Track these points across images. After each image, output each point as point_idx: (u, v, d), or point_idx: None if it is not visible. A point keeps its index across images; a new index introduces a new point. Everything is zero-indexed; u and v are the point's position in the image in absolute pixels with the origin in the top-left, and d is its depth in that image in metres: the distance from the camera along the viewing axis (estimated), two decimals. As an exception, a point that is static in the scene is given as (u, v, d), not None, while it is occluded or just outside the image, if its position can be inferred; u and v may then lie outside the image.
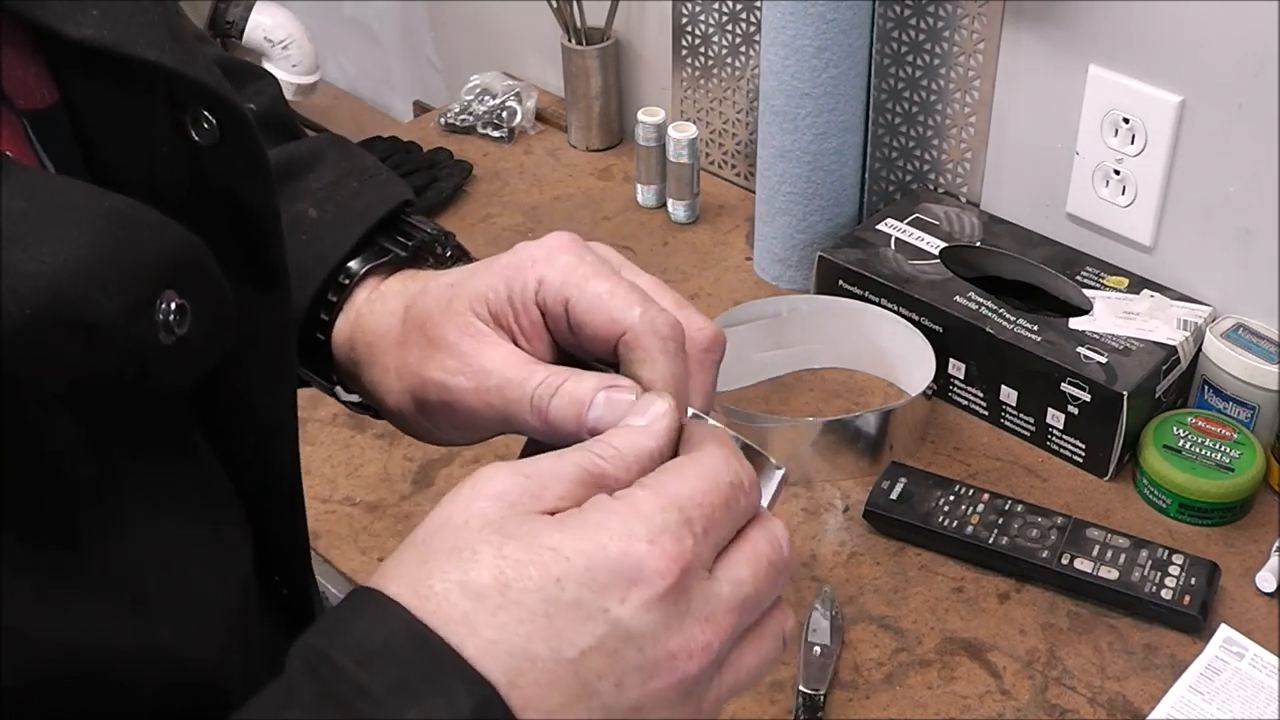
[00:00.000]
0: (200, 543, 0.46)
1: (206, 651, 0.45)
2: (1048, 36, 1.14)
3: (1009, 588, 0.99)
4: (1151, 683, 0.92)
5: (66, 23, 0.42)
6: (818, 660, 0.92)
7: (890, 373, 1.18)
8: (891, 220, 1.22)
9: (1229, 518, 1.03)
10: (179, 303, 0.42)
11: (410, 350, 0.54)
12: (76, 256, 0.39)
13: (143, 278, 0.41)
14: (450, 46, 1.75)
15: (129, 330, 0.41)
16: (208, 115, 0.46)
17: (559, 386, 0.49)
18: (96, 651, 0.41)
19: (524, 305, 0.51)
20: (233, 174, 0.48)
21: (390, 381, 0.56)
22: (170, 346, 0.42)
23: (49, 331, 0.38)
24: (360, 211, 0.61)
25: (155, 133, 0.45)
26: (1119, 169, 1.13)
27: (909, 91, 1.25)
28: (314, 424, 1.15)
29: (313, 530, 1.05)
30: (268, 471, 0.52)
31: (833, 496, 1.07)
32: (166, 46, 0.44)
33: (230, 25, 1.55)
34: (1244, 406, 1.07)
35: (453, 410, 0.53)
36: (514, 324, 0.51)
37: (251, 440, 0.50)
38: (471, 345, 0.52)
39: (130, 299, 0.41)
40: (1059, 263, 1.17)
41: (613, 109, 1.51)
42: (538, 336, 0.51)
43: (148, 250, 0.42)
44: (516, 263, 0.51)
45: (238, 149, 0.47)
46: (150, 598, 0.43)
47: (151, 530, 0.44)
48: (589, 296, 0.49)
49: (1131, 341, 1.08)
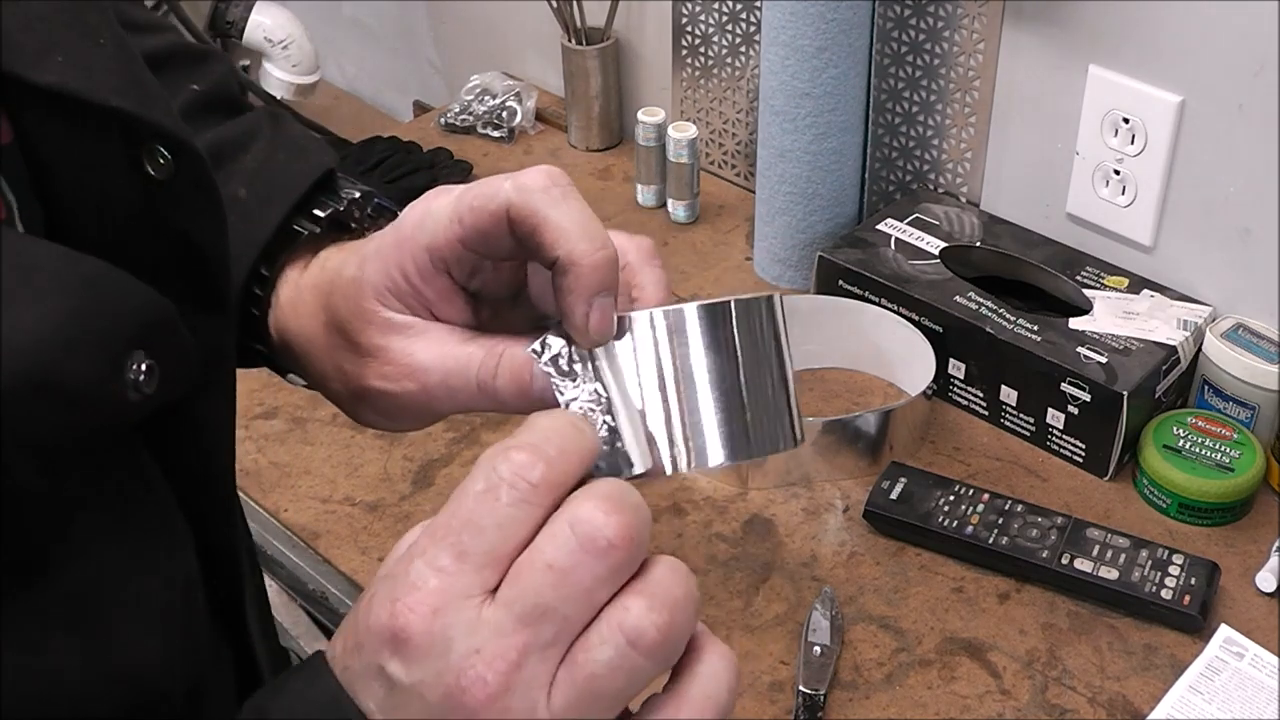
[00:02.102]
0: (146, 552, 0.47)
1: (151, 659, 0.46)
2: (1048, 36, 1.14)
3: (1009, 588, 0.99)
4: (1151, 683, 0.92)
5: (32, 70, 0.43)
6: (818, 660, 0.92)
7: (890, 373, 1.18)
8: (891, 220, 1.22)
9: (1229, 518, 1.03)
10: (148, 363, 0.43)
11: (343, 357, 0.55)
12: (52, 323, 0.39)
13: (114, 341, 0.42)
14: (450, 46, 1.75)
15: (100, 393, 0.41)
16: (163, 151, 0.47)
17: (497, 365, 0.50)
18: (46, 682, 0.41)
19: (423, 277, 0.52)
20: (185, 207, 0.48)
21: (335, 386, 0.58)
22: (136, 403, 0.43)
23: (24, 398, 0.38)
24: (283, 187, 0.61)
25: (109, 168, 0.46)
26: (1119, 169, 1.13)
27: (909, 91, 1.25)
28: (314, 424, 1.15)
29: (313, 530, 1.05)
30: (207, 479, 0.53)
31: (833, 496, 1.07)
32: (129, 92, 0.45)
33: (230, 25, 1.55)
34: (1244, 406, 1.07)
35: (404, 409, 0.54)
36: (422, 297, 0.52)
37: (191, 450, 0.51)
38: (399, 344, 0.53)
39: (103, 363, 0.41)
40: (1059, 263, 1.17)
41: (613, 109, 1.51)
42: (449, 298, 0.53)
43: (119, 313, 0.42)
44: (398, 239, 0.52)
45: (191, 183, 0.48)
46: (105, 615, 0.44)
47: (102, 548, 0.44)
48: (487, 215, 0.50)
49: (1131, 341, 1.08)
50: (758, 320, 0.49)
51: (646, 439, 0.47)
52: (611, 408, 0.47)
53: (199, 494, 0.51)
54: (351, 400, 0.57)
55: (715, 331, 0.48)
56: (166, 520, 0.49)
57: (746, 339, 0.48)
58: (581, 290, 0.47)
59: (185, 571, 0.49)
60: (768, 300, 0.49)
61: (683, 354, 0.48)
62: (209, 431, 0.52)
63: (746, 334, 0.48)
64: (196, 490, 0.51)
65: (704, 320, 0.48)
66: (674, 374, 0.48)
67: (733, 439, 0.48)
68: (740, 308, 0.48)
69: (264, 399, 1.17)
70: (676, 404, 0.48)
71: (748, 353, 0.48)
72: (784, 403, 0.50)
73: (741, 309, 0.48)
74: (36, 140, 0.45)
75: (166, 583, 0.47)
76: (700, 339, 0.48)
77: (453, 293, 0.53)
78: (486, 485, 0.42)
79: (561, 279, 0.47)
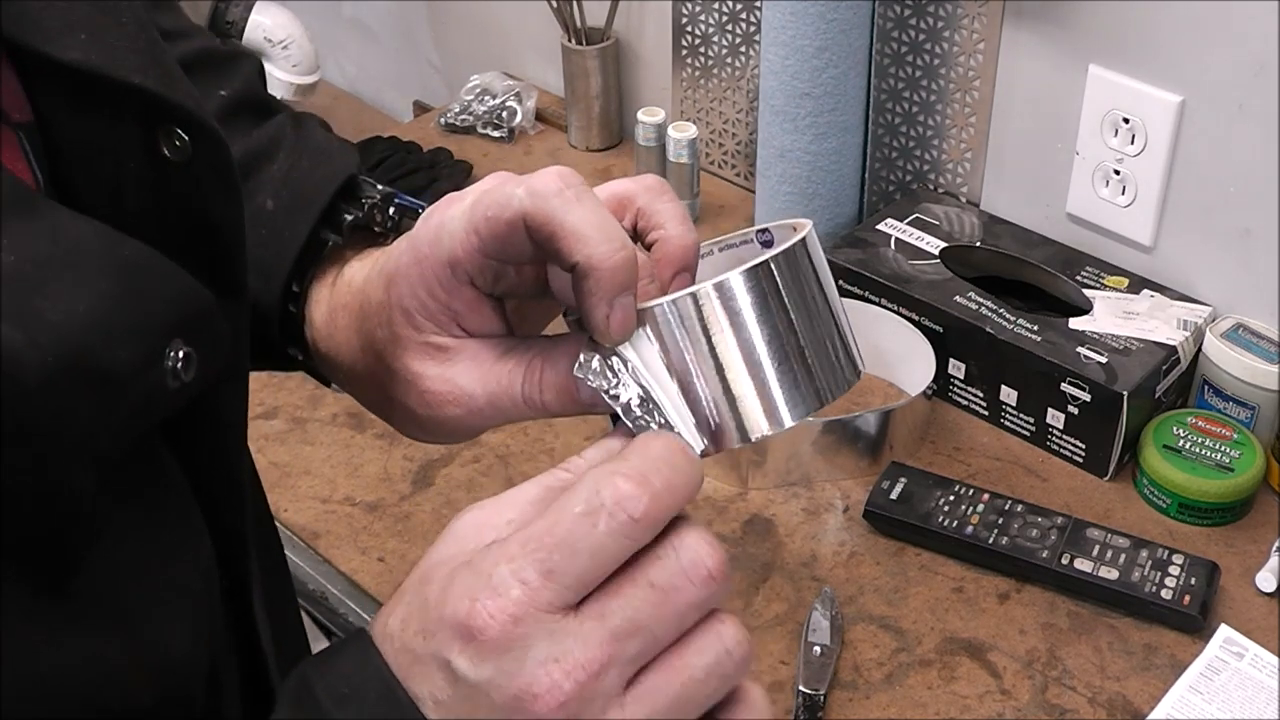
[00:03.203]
0: (167, 539, 0.47)
1: (183, 646, 0.46)
2: (1048, 36, 1.14)
3: (1009, 588, 0.99)
4: (1151, 683, 0.92)
5: (55, 46, 0.43)
6: (818, 660, 0.92)
7: (890, 373, 1.18)
8: (891, 220, 1.22)
9: (1229, 518, 1.03)
10: (186, 350, 0.43)
11: (384, 381, 0.56)
12: (96, 307, 0.39)
13: (154, 328, 0.42)
14: (450, 46, 1.75)
15: (140, 380, 0.41)
16: (180, 133, 0.46)
17: (541, 381, 0.50)
18: (92, 674, 0.41)
19: (449, 291, 0.52)
20: (202, 190, 0.48)
21: (380, 406, 0.58)
22: (175, 391, 0.43)
23: (68, 383, 0.38)
24: (309, 197, 0.61)
25: (126, 149, 0.46)
26: (1119, 169, 1.13)
27: (909, 91, 1.25)
28: (314, 424, 1.15)
29: (313, 530, 1.05)
30: (221, 466, 0.53)
31: (833, 496, 1.07)
32: (150, 71, 0.45)
33: (230, 25, 1.55)
34: (1244, 406, 1.07)
35: (452, 431, 0.54)
36: (452, 312, 0.52)
37: (207, 438, 0.51)
38: (436, 371, 0.53)
39: (143, 349, 0.41)
40: (1059, 263, 1.17)
41: (613, 109, 1.51)
42: (477, 308, 0.52)
43: (160, 301, 0.42)
44: (417, 258, 0.52)
45: (209, 167, 0.48)
46: (135, 608, 0.44)
47: (130, 541, 0.44)
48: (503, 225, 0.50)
49: (1131, 341, 1.08)
50: (798, 266, 0.48)
51: (703, 421, 0.48)
52: (658, 404, 0.48)
53: (212, 481, 0.51)
54: (398, 420, 0.57)
55: (761, 293, 0.47)
56: (183, 506, 0.49)
57: (793, 289, 0.48)
58: (603, 293, 0.47)
59: (205, 558, 0.49)
60: (801, 242, 0.48)
61: (737, 322, 0.47)
62: (224, 420, 0.52)
63: (792, 283, 0.48)
64: (209, 478, 0.51)
65: (750, 285, 0.47)
66: (730, 346, 0.47)
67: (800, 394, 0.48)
68: (781, 261, 0.47)
69: (264, 399, 1.17)
70: (735, 376, 0.47)
71: (796, 303, 0.48)
72: (837, 339, 0.49)
73: (782, 261, 0.47)
74: (53, 121, 0.45)
75: (189, 570, 0.48)
76: (750, 303, 0.47)
77: (479, 301, 0.52)
78: (587, 509, 0.42)
79: (582, 283, 0.47)
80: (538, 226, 0.48)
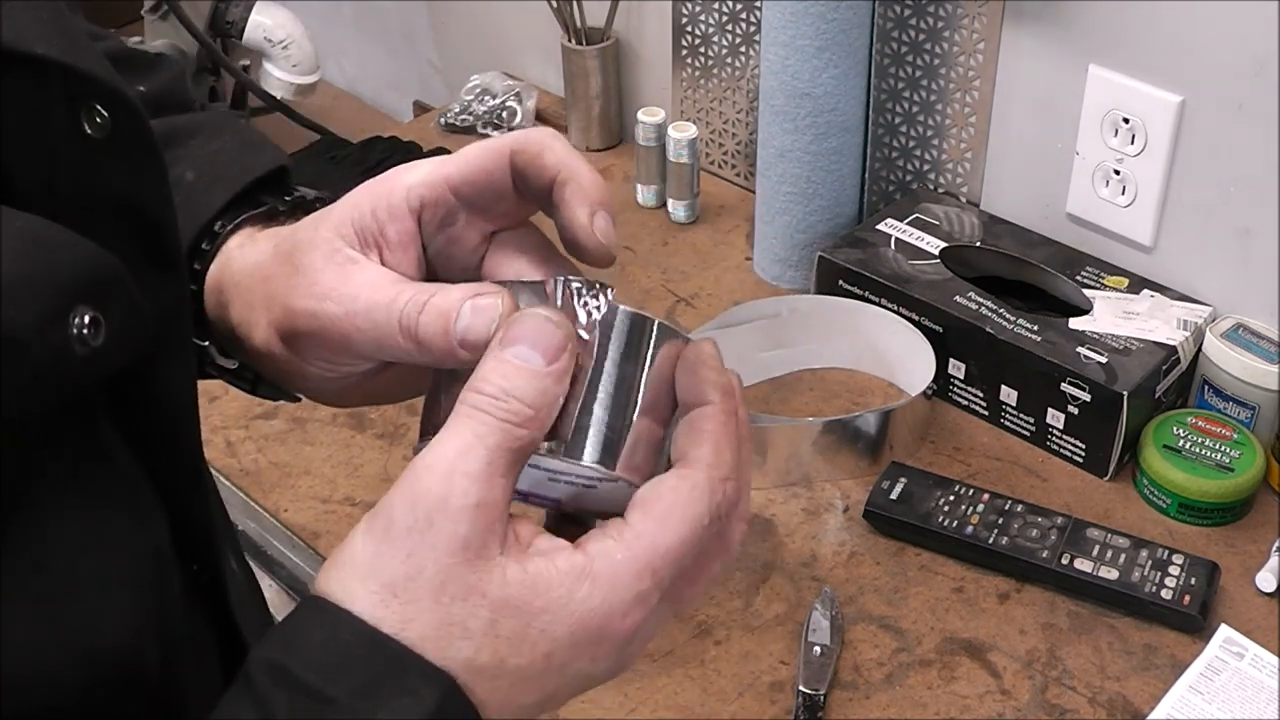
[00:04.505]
0: (110, 523, 0.46)
1: (116, 635, 0.45)
2: (1048, 36, 1.14)
3: (1009, 588, 0.99)
4: (1151, 683, 0.92)
5: None
6: (818, 660, 0.92)
7: (890, 373, 1.18)
8: (891, 220, 1.22)
9: (1229, 518, 1.03)
10: (92, 315, 0.42)
11: (277, 282, 0.55)
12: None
13: (54, 292, 0.42)
14: (450, 46, 1.75)
15: (42, 343, 0.41)
16: (100, 109, 0.46)
17: (425, 302, 0.50)
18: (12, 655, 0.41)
19: (391, 215, 0.53)
20: (127, 165, 0.48)
21: (257, 316, 0.56)
22: (85, 357, 0.43)
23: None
24: (235, 175, 0.61)
25: (53, 131, 0.46)
26: (1119, 169, 1.13)
27: (909, 91, 1.25)
28: (314, 424, 1.15)
29: (313, 530, 1.05)
30: (173, 450, 0.52)
31: (833, 496, 1.07)
32: (55, 41, 0.45)
33: (230, 25, 1.55)
34: (1244, 406, 1.07)
35: (322, 339, 0.53)
36: (380, 237, 0.53)
37: (155, 418, 0.51)
38: (337, 271, 0.53)
39: (40, 308, 0.41)
40: (1059, 263, 1.17)
41: (613, 109, 1.51)
42: (406, 246, 0.53)
43: (59, 266, 0.42)
44: (382, 178, 0.54)
45: (130, 139, 0.48)
46: (65, 588, 0.43)
47: (63, 523, 0.44)
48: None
49: (1131, 341, 1.08)
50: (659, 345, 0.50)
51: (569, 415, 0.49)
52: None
53: (165, 466, 0.51)
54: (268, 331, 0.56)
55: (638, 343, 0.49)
56: (132, 492, 0.48)
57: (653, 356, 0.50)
58: (583, 198, 0.51)
59: (155, 545, 0.49)
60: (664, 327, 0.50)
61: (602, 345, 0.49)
62: (170, 398, 0.52)
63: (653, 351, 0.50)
64: (162, 462, 0.50)
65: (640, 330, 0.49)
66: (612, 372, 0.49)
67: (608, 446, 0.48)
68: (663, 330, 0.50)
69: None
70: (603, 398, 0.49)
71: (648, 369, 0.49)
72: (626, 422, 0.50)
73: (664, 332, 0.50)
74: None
75: (134, 556, 0.47)
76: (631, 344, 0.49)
77: (411, 241, 0.53)
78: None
79: (562, 191, 0.51)
80: (524, 148, 0.52)
